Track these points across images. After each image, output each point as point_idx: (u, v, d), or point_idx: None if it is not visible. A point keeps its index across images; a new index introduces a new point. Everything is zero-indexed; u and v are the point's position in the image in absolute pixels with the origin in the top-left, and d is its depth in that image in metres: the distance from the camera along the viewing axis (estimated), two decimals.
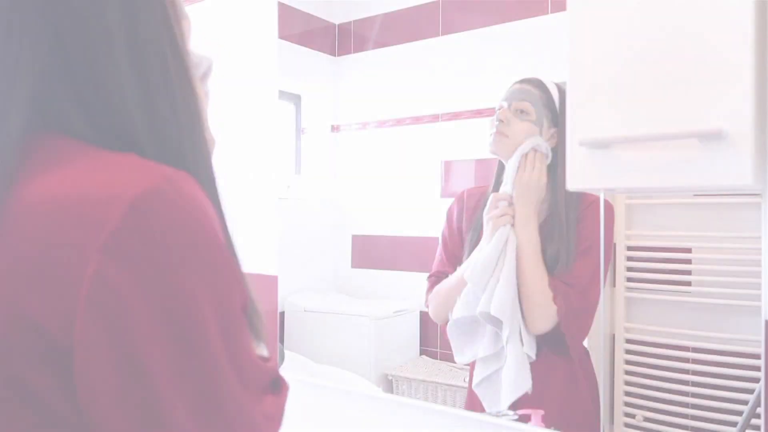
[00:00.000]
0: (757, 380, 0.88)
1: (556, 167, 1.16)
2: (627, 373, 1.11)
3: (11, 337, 0.38)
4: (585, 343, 1.16)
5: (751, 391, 0.92)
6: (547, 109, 1.18)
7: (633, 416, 1.10)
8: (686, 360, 1.04)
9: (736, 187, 0.79)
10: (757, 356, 0.88)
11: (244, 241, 0.64)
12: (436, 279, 1.33)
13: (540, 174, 1.16)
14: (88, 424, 0.39)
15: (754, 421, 0.89)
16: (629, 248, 1.11)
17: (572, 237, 1.13)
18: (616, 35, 0.87)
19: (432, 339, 1.47)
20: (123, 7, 0.46)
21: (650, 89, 0.84)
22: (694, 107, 0.80)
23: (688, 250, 1.06)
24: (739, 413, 0.95)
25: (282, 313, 1.61)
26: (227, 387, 0.42)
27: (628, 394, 1.11)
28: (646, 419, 1.08)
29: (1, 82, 0.44)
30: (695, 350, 1.03)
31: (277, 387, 0.52)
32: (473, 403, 1.25)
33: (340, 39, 1.63)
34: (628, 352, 1.11)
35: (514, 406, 1.16)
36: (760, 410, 0.86)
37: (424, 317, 1.48)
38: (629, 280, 1.11)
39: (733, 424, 0.97)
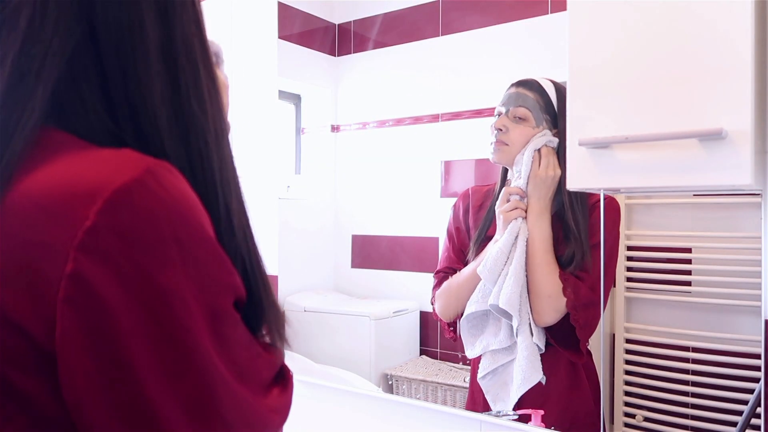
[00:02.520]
0: (757, 380, 0.88)
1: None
2: (627, 373, 1.11)
3: None
4: None
5: (751, 391, 0.92)
6: (546, 113, 1.18)
7: (633, 416, 1.09)
8: (686, 360, 1.04)
9: (736, 186, 0.78)
10: (757, 356, 0.88)
11: None
12: (443, 275, 1.32)
13: (554, 168, 1.16)
14: (78, 426, 0.38)
15: (754, 421, 0.89)
16: (629, 248, 1.11)
17: (585, 235, 1.13)
18: (616, 35, 0.87)
19: (432, 339, 1.47)
20: (158, 7, 0.45)
21: (650, 89, 0.84)
22: (694, 107, 0.80)
23: (688, 250, 1.06)
24: (739, 413, 0.95)
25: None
26: (221, 383, 0.41)
27: (628, 394, 1.10)
28: (646, 419, 1.08)
29: (27, 70, 0.42)
30: (695, 350, 1.03)
31: (283, 378, 0.50)
32: (473, 403, 1.25)
33: (340, 39, 1.63)
34: (628, 352, 1.11)
35: (517, 406, 1.16)
36: (760, 410, 0.86)
37: (424, 317, 1.48)
38: (629, 280, 1.11)
39: (733, 424, 0.97)
